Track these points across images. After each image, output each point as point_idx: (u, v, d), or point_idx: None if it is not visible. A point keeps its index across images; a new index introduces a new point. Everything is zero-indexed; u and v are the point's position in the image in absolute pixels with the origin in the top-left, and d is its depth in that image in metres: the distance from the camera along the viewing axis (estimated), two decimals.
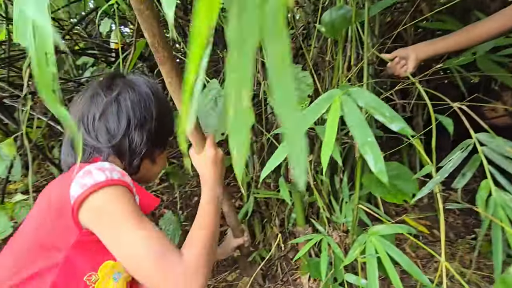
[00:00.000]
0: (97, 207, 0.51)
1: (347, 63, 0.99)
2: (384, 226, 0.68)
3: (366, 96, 0.50)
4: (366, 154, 0.44)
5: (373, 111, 0.49)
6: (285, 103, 0.19)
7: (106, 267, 0.55)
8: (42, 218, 0.53)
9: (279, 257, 1.25)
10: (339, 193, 1.15)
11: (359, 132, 0.46)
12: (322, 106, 0.52)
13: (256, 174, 1.32)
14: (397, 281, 0.61)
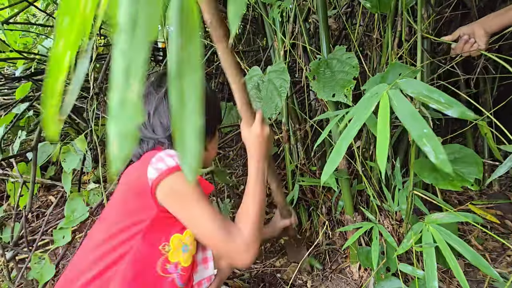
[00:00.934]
0: (172, 188, 0.59)
1: (398, 39, 0.91)
2: (443, 214, 0.62)
3: (415, 85, 0.47)
4: (424, 146, 0.40)
5: (426, 100, 0.45)
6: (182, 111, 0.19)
7: (176, 239, 0.63)
8: (124, 199, 0.63)
9: (326, 245, 1.24)
10: (391, 180, 1.08)
11: (413, 126, 0.42)
12: (371, 103, 0.49)
13: (300, 162, 1.31)
14: (460, 273, 0.56)
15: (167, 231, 0.63)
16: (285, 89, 0.79)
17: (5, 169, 1.28)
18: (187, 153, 0.21)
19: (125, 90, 0.21)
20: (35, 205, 1.73)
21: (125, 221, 0.61)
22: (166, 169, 0.59)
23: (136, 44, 0.20)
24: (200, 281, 0.72)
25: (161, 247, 0.62)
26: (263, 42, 1.90)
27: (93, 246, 0.62)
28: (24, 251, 1.05)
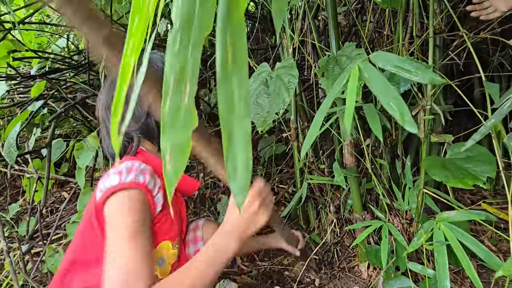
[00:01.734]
0: (109, 211, 0.54)
1: (409, 35, 0.90)
2: (455, 212, 0.61)
3: (386, 57, 0.48)
4: (393, 111, 0.41)
5: (397, 70, 0.46)
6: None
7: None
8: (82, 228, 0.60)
9: (334, 243, 1.23)
10: (401, 179, 1.07)
11: (382, 93, 0.44)
12: (344, 77, 0.51)
13: (309, 160, 1.31)
14: (473, 272, 0.55)
15: None
16: (293, 85, 0.78)
17: (21, 165, 1.32)
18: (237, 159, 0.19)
19: (179, 94, 0.19)
20: (49, 200, 1.78)
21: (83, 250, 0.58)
22: (109, 188, 0.54)
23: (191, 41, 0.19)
24: (190, 254, 0.72)
25: None
26: (272, 40, 1.89)
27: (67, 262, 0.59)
28: (39, 245, 1.08)
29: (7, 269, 1.09)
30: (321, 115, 0.54)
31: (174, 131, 0.19)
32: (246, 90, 0.19)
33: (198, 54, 0.19)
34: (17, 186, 1.92)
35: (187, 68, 0.19)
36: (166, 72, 0.19)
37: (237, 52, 0.19)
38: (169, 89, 0.19)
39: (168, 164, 0.19)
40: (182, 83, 0.19)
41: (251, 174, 0.20)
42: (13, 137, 1.00)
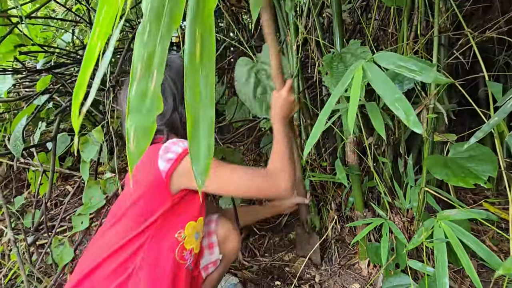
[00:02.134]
0: (188, 169, 0.62)
1: (413, 34, 0.89)
2: (456, 211, 0.62)
3: (390, 58, 0.48)
4: (397, 110, 0.42)
5: (401, 70, 0.46)
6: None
7: (190, 227, 0.66)
8: (137, 195, 0.64)
9: (335, 240, 1.24)
10: (403, 177, 1.07)
11: (386, 92, 0.44)
12: (348, 77, 0.52)
13: (311, 157, 1.31)
14: (472, 271, 0.55)
15: (181, 219, 0.65)
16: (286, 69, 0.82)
17: (26, 158, 1.34)
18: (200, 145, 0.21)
19: (146, 81, 0.21)
20: (54, 194, 1.80)
21: (138, 213, 0.62)
22: (176, 157, 0.62)
23: (160, 32, 0.20)
24: (207, 266, 0.74)
25: (177, 234, 0.64)
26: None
27: (110, 241, 0.63)
28: (44, 236, 1.10)
29: (13, 260, 1.12)
30: (325, 116, 0.55)
31: (139, 115, 0.20)
32: (212, 81, 0.20)
33: (166, 45, 0.21)
34: (22, 179, 1.95)
35: (155, 57, 0.20)
36: (133, 60, 0.20)
37: (205, 45, 0.20)
38: (136, 75, 0.20)
39: (132, 144, 0.20)
40: (149, 71, 0.20)
41: (211, 159, 0.21)
42: (19, 130, 1.01)
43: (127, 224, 0.63)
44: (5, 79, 1.20)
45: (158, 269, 0.61)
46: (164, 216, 0.63)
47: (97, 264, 0.60)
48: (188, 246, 0.66)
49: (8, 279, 1.22)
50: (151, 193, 0.62)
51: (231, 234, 0.78)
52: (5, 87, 1.17)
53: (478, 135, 0.55)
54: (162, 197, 0.63)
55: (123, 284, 0.59)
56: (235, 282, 1.05)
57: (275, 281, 1.13)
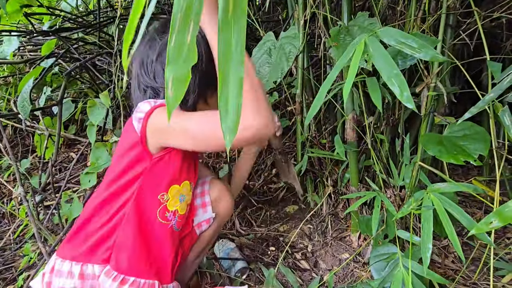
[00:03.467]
0: (156, 125, 0.61)
1: (422, 12, 0.89)
2: (445, 184, 0.65)
3: (392, 33, 0.50)
4: (393, 86, 0.44)
5: (401, 46, 0.48)
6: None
7: (174, 189, 0.68)
8: (121, 153, 0.67)
9: (329, 214, 1.30)
10: (400, 157, 1.10)
11: (384, 68, 0.46)
12: (350, 51, 0.53)
13: (311, 135, 1.34)
14: (454, 237, 0.60)
15: (164, 182, 0.66)
16: (293, 55, 0.80)
17: (32, 122, 1.36)
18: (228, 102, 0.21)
19: (183, 32, 0.21)
20: (58, 159, 1.84)
21: (124, 173, 0.65)
22: (144, 115, 0.62)
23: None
24: (200, 223, 0.79)
25: (159, 196, 0.66)
26: (283, 14, 1.86)
27: (99, 197, 0.67)
28: (51, 197, 1.15)
29: (21, 217, 1.17)
30: (326, 88, 0.57)
31: (177, 65, 0.22)
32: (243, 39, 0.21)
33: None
34: (26, 144, 1.98)
35: (193, 8, 0.21)
36: (173, 11, 0.21)
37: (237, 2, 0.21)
38: (175, 27, 0.21)
39: (170, 91, 0.22)
40: (187, 22, 0.21)
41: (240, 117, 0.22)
42: (27, 91, 1.03)
43: (113, 185, 0.66)
44: (11, 41, 1.20)
45: (140, 226, 0.65)
46: (145, 177, 0.64)
47: (90, 215, 0.66)
48: (171, 207, 0.68)
49: (16, 235, 1.29)
50: (131, 155, 0.64)
51: (223, 194, 0.81)
52: (11, 49, 1.17)
53: (472, 110, 0.58)
54: (141, 157, 0.64)
55: (110, 233, 0.64)
56: (232, 247, 1.11)
57: (270, 247, 1.20)
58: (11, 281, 1.08)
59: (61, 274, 0.63)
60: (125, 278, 0.62)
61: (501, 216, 0.42)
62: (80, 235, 0.66)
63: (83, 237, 0.65)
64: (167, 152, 0.65)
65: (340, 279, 1.03)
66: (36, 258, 1.11)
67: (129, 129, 0.66)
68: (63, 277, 0.62)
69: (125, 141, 0.68)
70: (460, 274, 0.96)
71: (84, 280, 0.62)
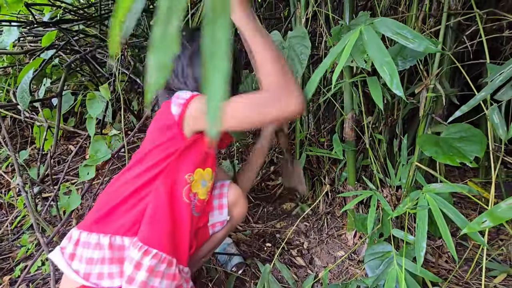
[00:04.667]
0: (196, 111, 0.67)
1: (423, 14, 0.90)
2: (441, 184, 0.66)
3: (388, 23, 0.50)
4: (384, 74, 0.45)
5: (396, 36, 0.48)
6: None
7: (198, 173, 0.73)
8: (154, 137, 0.72)
9: (326, 212, 1.31)
10: (397, 157, 1.11)
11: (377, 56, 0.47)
12: (346, 39, 0.53)
13: (310, 133, 1.35)
14: (448, 237, 0.61)
15: (192, 163, 0.71)
16: (306, 56, 0.80)
17: (31, 113, 1.36)
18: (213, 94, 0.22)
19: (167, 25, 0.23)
20: (57, 152, 1.84)
21: (156, 152, 0.69)
22: (185, 101, 0.68)
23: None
24: (215, 224, 0.81)
25: (187, 176, 0.70)
26: (285, 12, 1.85)
27: (129, 172, 0.71)
28: (49, 189, 1.15)
29: (19, 207, 1.17)
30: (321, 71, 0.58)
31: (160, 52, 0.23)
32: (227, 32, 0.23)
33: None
34: (25, 136, 1.98)
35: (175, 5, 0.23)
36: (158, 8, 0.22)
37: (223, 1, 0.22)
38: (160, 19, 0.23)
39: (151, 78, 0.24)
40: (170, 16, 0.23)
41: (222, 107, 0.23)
42: (26, 83, 1.03)
43: (145, 162, 0.70)
44: (11, 31, 1.19)
45: (168, 201, 0.68)
46: (177, 157, 0.69)
47: (118, 189, 0.69)
48: (194, 189, 0.72)
49: (14, 226, 1.29)
50: (167, 135, 0.69)
51: (240, 200, 0.84)
52: (11, 39, 1.17)
53: (463, 109, 0.59)
54: (177, 139, 0.69)
55: (139, 206, 0.67)
56: (229, 242, 1.12)
57: (266, 243, 1.21)
58: (8, 271, 1.09)
59: (89, 245, 0.64)
60: (148, 250, 0.64)
61: (493, 216, 0.43)
62: (108, 209, 0.67)
63: (111, 210, 0.67)
64: (199, 137, 0.71)
65: (335, 276, 1.04)
66: (33, 249, 1.11)
67: (166, 112, 0.71)
68: (91, 249, 0.64)
69: (160, 123, 0.73)
70: (453, 274, 0.97)
71: (113, 251, 0.64)
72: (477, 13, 0.71)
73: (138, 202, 0.67)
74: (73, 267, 0.63)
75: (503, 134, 0.62)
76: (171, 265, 0.66)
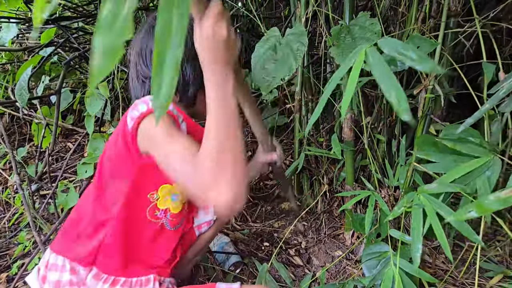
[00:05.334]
0: (145, 131, 0.58)
1: (423, 14, 0.90)
2: (436, 185, 0.66)
3: (392, 44, 0.50)
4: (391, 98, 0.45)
5: (401, 57, 0.48)
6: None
7: (164, 189, 0.67)
8: (114, 146, 0.64)
9: (324, 212, 1.31)
10: (395, 158, 1.11)
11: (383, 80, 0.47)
12: (351, 60, 0.53)
13: (309, 133, 1.35)
14: (443, 238, 0.61)
15: (154, 181, 0.65)
16: (301, 52, 0.80)
17: (29, 111, 1.36)
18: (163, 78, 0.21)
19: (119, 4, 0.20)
20: (55, 149, 1.84)
21: (111, 169, 0.64)
22: (139, 115, 0.58)
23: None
24: (200, 225, 0.79)
25: (149, 195, 0.65)
26: (286, 11, 1.85)
27: (91, 192, 0.67)
28: (47, 186, 1.15)
29: (17, 205, 1.17)
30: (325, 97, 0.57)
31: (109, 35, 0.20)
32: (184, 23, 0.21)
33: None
34: (23, 133, 1.98)
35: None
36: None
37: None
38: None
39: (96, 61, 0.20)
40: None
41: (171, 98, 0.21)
42: (25, 80, 1.03)
43: (101, 180, 0.65)
44: (9, 28, 1.19)
45: (128, 226, 0.65)
46: (136, 175, 0.62)
47: (81, 211, 0.66)
48: (161, 206, 0.67)
49: (11, 223, 1.29)
50: (121, 151, 0.61)
51: None
52: (10, 36, 1.16)
53: (469, 121, 0.59)
54: (131, 155, 0.60)
55: (95, 235, 0.64)
56: (227, 241, 1.12)
57: (264, 242, 1.21)
58: (5, 269, 1.08)
59: (56, 268, 0.63)
60: (116, 279, 0.63)
61: (480, 208, 0.43)
62: (71, 232, 0.66)
63: (72, 234, 0.65)
64: None
65: (332, 276, 1.05)
66: (30, 247, 1.11)
67: (123, 123, 0.63)
68: (58, 271, 0.63)
69: (116, 133, 0.65)
70: (449, 274, 0.98)
71: (77, 275, 0.63)
72: (476, 18, 0.72)
73: (94, 232, 0.64)
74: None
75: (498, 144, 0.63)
76: (148, 283, 0.65)
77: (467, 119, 0.70)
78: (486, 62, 0.68)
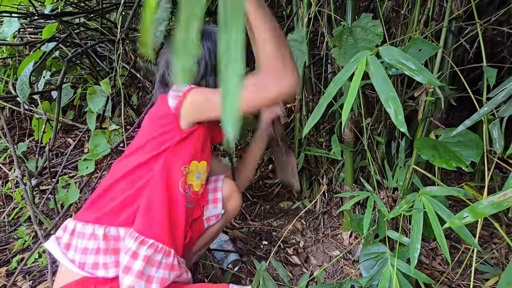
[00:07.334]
0: (192, 101, 0.68)
1: (425, 17, 0.90)
2: (437, 187, 0.67)
3: (393, 53, 0.50)
4: (389, 108, 0.45)
5: (400, 66, 0.48)
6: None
7: (194, 165, 0.74)
8: (150, 128, 0.72)
9: (323, 212, 1.32)
10: (395, 159, 1.12)
11: (383, 89, 0.47)
12: (352, 67, 0.53)
13: (309, 133, 1.35)
14: (442, 239, 0.62)
15: (188, 156, 0.72)
16: (301, 62, 0.81)
17: (30, 106, 1.35)
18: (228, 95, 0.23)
19: (188, 31, 0.25)
20: (55, 144, 1.84)
21: (153, 144, 0.70)
22: (182, 94, 0.69)
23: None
24: (209, 217, 0.82)
25: (182, 168, 0.71)
26: (288, 10, 1.85)
27: (125, 163, 0.71)
28: (47, 181, 1.15)
29: (17, 199, 1.17)
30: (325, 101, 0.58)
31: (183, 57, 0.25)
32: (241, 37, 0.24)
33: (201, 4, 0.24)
34: (23, 128, 1.97)
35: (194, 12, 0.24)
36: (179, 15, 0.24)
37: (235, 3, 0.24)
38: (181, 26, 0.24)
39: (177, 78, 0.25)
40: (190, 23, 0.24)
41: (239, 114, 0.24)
42: (26, 75, 1.03)
43: (141, 153, 0.70)
44: (11, 22, 1.19)
45: (165, 193, 0.69)
46: (173, 149, 0.70)
47: (115, 180, 0.69)
48: (189, 181, 0.73)
49: (11, 217, 1.29)
50: (164, 127, 0.70)
51: (234, 194, 0.85)
52: (12, 30, 1.16)
53: (466, 123, 0.59)
54: (173, 131, 0.70)
55: (135, 198, 0.68)
56: (226, 239, 1.12)
57: (263, 241, 1.22)
58: (4, 263, 1.09)
59: (84, 235, 0.65)
60: (145, 240, 0.65)
61: (474, 212, 0.44)
62: (104, 200, 0.68)
63: (107, 201, 0.68)
64: (195, 129, 0.72)
65: (329, 275, 1.06)
66: (30, 241, 1.11)
67: (162, 104, 0.72)
68: (86, 239, 0.65)
69: (156, 115, 0.73)
70: (445, 275, 0.98)
71: (108, 242, 0.65)
72: (477, 22, 0.72)
73: (134, 194, 0.67)
74: (68, 256, 0.64)
75: (499, 149, 0.64)
76: (169, 255, 0.67)
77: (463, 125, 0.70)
78: (486, 66, 0.68)
